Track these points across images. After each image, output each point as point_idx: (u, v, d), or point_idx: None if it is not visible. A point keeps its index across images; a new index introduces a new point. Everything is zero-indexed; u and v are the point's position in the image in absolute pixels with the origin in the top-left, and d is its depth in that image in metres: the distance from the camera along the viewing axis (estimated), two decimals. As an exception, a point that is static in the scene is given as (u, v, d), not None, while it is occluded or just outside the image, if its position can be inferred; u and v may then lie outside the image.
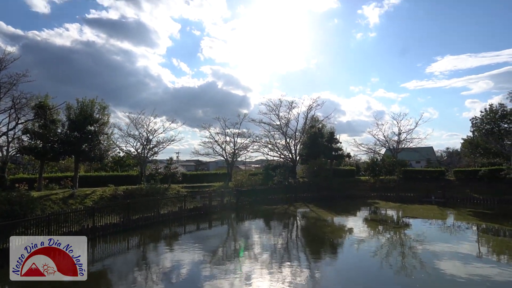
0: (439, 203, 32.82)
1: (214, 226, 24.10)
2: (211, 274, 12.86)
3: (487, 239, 19.38)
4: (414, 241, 18.09)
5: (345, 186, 39.84)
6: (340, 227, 23.43)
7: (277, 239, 19.41)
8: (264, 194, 34.79)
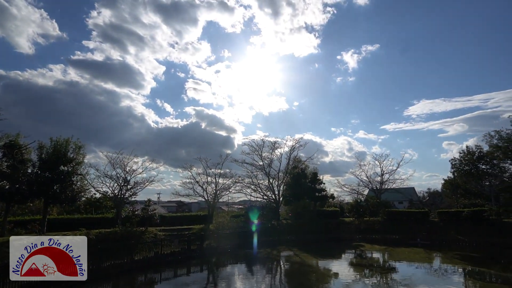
0: (425, 246, 32.22)
1: (193, 272, 22.64)
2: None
3: (475, 284, 18.72)
4: (401, 286, 17.27)
5: (329, 228, 38.96)
6: (325, 271, 22.40)
7: (260, 286, 18.23)
8: (246, 237, 33.45)
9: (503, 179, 41.70)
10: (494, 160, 44.70)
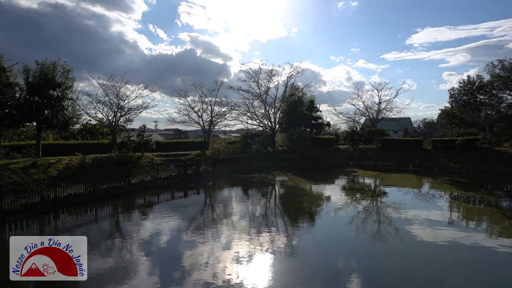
0: (417, 172, 33.10)
1: (190, 195, 23.27)
2: (189, 242, 12.28)
3: (460, 207, 19.48)
4: (390, 209, 17.91)
5: (324, 155, 39.59)
6: (318, 195, 23.11)
7: (255, 207, 18.90)
8: (242, 162, 34.04)
9: (500, 109, 41.52)
10: (493, 90, 44.13)
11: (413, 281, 9.16)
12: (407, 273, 9.70)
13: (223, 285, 8.53)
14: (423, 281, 9.08)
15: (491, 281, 9.21)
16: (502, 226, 14.89)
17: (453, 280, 9.12)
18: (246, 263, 10.24)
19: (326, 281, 9.08)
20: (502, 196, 22.87)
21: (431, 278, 9.21)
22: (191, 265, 9.93)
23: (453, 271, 9.74)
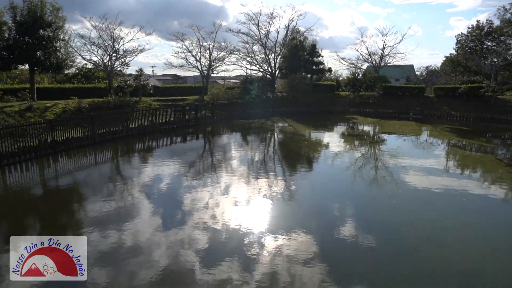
0: (417, 120, 32.95)
1: (189, 140, 23.27)
2: (189, 186, 12.37)
3: (458, 154, 19.52)
4: (388, 156, 17.95)
5: (324, 101, 39.13)
6: (317, 141, 23.13)
7: (254, 153, 18.95)
8: (241, 108, 33.68)
9: (506, 57, 40.29)
10: (502, 36, 42.54)
11: (408, 221, 9.36)
12: (405, 213, 9.89)
13: (222, 228, 8.69)
14: (419, 222, 9.28)
15: (482, 222, 9.41)
16: (497, 173, 15.02)
17: (447, 220, 9.31)
18: (245, 207, 10.40)
19: (324, 223, 9.25)
20: (501, 144, 22.90)
21: (426, 219, 9.41)
22: (191, 208, 10.08)
23: (448, 214, 9.91)
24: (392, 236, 8.51)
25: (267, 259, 7.14)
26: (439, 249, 7.78)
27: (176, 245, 7.71)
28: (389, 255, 7.56)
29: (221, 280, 6.38)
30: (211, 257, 7.20)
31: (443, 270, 6.93)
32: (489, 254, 7.70)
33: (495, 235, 8.75)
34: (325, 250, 7.66)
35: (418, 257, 7.48)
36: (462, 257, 7.51)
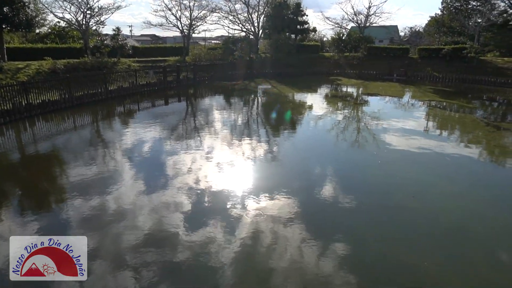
0: (401, 81, 33.07)
1: (171, 102, 22.79)
2: (172, 150, 12.23)
3: (435, 114, 19.82)
4: (371, 117, 18.11)
5: (308, 63, 38.61)
6: (301, 103, 23.05)
7: (238, 115, 18.80)
8: (224, 69, 32.92)
9: (490, 17, 40.10)
10: (489, -5, 42.11)
11: (394, 181, 9.61)
12: (390, 173, 10.13)
13: (206, 190, 8.71)
14: (404, 181, 9.55)
15: (465, 180, 9.73)
16: (478, 133, 15.41)
17: (431, 179, 9.59)
18: (228, 169, 10.39)
19: (307, 184, 9.37)
20: (481, 105, 23.36)
21: (411, 178, 9.68)
22: (175, 172, 10.01)
23: (432, 172, 10.20)
24: (377, 195, 8.75)
25: (250, 220, 7.25)
26: (424, 206, 8.08)
27: (160, 208, 7.71)
28: (375, 213, 7.80)
29: (205, 240, 6.47)
30: (196, 219, 7.26)
31: (429, 226, 7.22)
32: (472, 210, 8.03)
33: (476, 191, 9.11)
34: (309, 209, 7.83)
35: (403, 215, 7.75)
36: (446, 213, 7.81)
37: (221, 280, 5.46)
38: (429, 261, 5.98)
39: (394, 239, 6.77)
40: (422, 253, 6.23)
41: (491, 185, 9.65)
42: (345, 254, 6.15)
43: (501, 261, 6.16)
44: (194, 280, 5.51)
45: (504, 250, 6.45)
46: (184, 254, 6.09)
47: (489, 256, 6.21)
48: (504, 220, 7.53)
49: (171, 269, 5.71)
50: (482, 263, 5.98)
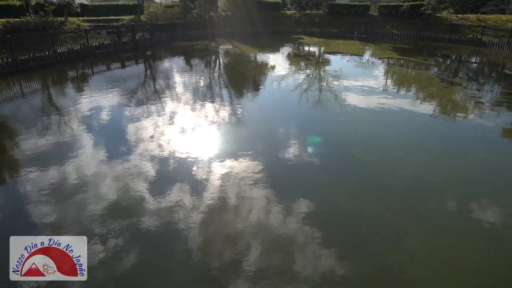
0: (361, 39, 33.28)
1: (128, 65, 21.64)
2: (132, 116, 11.71)
3: (399, 72, 20.38)
4: (333, 76, 18.25)
5: (270, 21, 37.72)
6: (263, 64, 22.71)
7: (200, 77, 18.22)
8: (183, 29, 31.44)
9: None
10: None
11: (356, 138, 9.91)
12: (353, 130, 10.43)
13: (169, 156, 8.55)
14: (366, 137, 9.86)
15: (423, 134, 10.19)
16: (433, 89, 16.06)
17: (391, 135, 9.99)
18: (192, 134, 10.22)
19: (272, 145, 9.43)
20: (436, 62, 24.22)
21: (373, 135, 10.02)
22: (136, 139, 9.69)
23: (392, 129, 10.61)
24: (340, 152, 9.03)
25: (216, 183, 7.26)
26: (384, 161, 8.48)
27: (123, 177, 7.50)
28: (338, 170, 8.08)
29: (172, 205, 6.45)
30: (161, 186, 7.15)
31: (389, 179, 7.59)
32: (427, 162, 8.47)
33: (432, 144, 9.58)
34: (275, 170, 7.93)
35: (365, 169, 8.05)
36: (404, 165, 8.22)
37: (190, 242, 5.52)
38: (389, 212, 6.34)
39: (357, 193, 7.06)
40: (383, 205, 6.58)
41: (444, 138, 10.22)
42: (310, 211, 6.37)
43: (455, 208, 6.64)
44: (163, 245, 5.52)
45: (458, 198, 6.94)
46: (151, 220, 6.05)
47: (444, 204, 6.68)
48: (457, 169, 8.08)
49: (140, 236, 5.67)
50: (439, 211, 6.42)
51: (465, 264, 5.18)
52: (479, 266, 5.14)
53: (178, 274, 4.98)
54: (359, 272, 4.96)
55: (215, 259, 5.21)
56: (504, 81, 18.41)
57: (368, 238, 5.72)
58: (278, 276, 4.91)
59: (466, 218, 6.34)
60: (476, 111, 12.95)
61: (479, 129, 11.16)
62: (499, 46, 26.54)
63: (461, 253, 5.41)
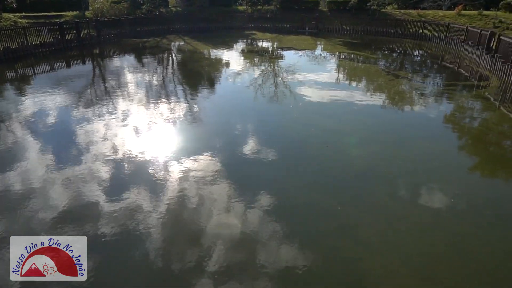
0: (313, 34, 34.07)
1: (74, 65, 20.51)
2: (82, 117, 11.08)
3: (344, 66, 21.17)
4: (287, 71, 18.55)
5: (222, 17, 37.49)
6: (217, 60, 22.57)
7: (152, 75, 17.69)
8: (132, 25, 30.34)
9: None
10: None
11: (309, 132, 10.16)
12: (306, 124, 10.64)
13: (124, 158, 8.25)
14: (319, 131, 10.13)
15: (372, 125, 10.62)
16: (380, 81, 16.86)
17: (343, 127, 10.38)
18: (147, 134, 9.94)
19: (228, 142, 9.43)
20: (382, 55, 25.46)
21: (325, 129, 10.32)
22: (88, 141, 9.22)
23: (343, 121, 11.02)
24: (295, 147, 9.20)
25: (174, 184, 7.14)
26: (337, 153, 8.78)
27: (75, 182, 7.12)
28: (293, 164, 8.22)
29: (129, 209, 6.24)
30: (116, 189, 6.89)
31: (342, 172, 7.86)
32: (377, 153, 8.88)
33: (383, 136, 10.05)
34: (232, 167, 7.94)
35: (319, 163, 8.28)
36: (357, 157, 8.56)
37: (150, 245, 5.37)
38: (343, 204, 6.59)
39: (311, 187, 7.24)
40: (336, 198, 6.83)
41: (392, 128, 10.86)
42: (269, 205, 6.46)
43: (403, 196, 7.05)
44: (122, 250, 5.33)
45: (405, 186, 7.38)
46: (108, 226, 5.81)
47: (393, 193, 7.06)
48: (404, 158, 8.59)
49: (96, 243, 5.41)
50: (388, 200, 6.79)
51: (414, 250, 5.47)
52: (427, 250, 5.46)
53: (138, 279, 4.85)
54: (318, 264, 5.11)
55: (177, 261, 5.13)
56: (444, 72, 19.79)
57: (324, 230, 5.88)
58: (241, 272, 4.94)
59: (413, 205, 6.71)
60: (420, 101, 13.80)
61: (423, 118, 11.94)
62: (437, 40, 28.46)
63: (410, 239, 5.72)
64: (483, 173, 8.30)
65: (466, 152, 9.51)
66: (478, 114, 12.66)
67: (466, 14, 31.42)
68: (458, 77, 18.30)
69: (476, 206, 6.72)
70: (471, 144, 10.12)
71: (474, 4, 37.65)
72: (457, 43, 25.38)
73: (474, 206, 6.72)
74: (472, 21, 28.88)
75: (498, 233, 5.93)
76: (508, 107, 12.83)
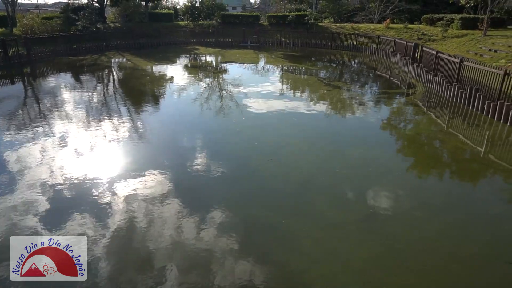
0: (254, 47, 34.97)
1: (2, 85, 19.00)
2: (14, 142, 10.25)
3: (287, 78, 21.98)
4: (231, 85, 18.82)
5: (163, 32, 37.16)
6: (160, 76, 22.27)
7: (92, 94, 16.92)
8: (67, 42, 28.89)
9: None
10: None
11: (253, 146, 10.33)
12: (250, 138, 10.83)
13: (65, 183, 7.77)
14: (262, 145, 10.35)
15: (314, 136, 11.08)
16: (320, 92, 17.72)
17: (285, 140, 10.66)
18: (89, 155, 9.45)
19: (176, 159, 9.29)
20: (321, 66, 26.78)
21: (268, 142, 10.57)
22: (21, 167, 8.54)
23: (285, 134, 11.35)
24: (239, 161, 9.22)
25: (122, 206, 6.87)
26: (280, 166, 8.92)
27: (9, 213, 6.56)
28: (238, 178, 8.30)
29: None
30: (57, 218, 6.46)
31: (284, 185, 8.00)
32: (320, 161, 9.27)
33: (323, 146, 10.47)
34: (180, 185, 7.83)
35: (263, 177, 8.36)
36: (298, 170, 8.77)
37: (98, 274, 5.10)
38: (286, 217, 6.69)
39: (257, 200, 7.34)
40: (279, 211, 6.89)
41: (331, 138, 11.38)
42: (218, 222, 6.45)
43: (340, 204, 7.33)
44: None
45: (341, 194, 7.69)
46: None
47: (331, 202, 7.32)
48: (341, 166, 9.03)
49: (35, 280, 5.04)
50: (327, 210, 7.04)
51: (353, 256, 5.70)
52: (365, 255, 5.71)
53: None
54: (263, 280, 5.10)
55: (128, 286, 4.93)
56: (378, 81, 21.31)
57: (269, 246, 5.93)
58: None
59: (349, 212, 6.99)
60: (358, 109, 14.71)
61: (361, 125, 12.74)
62: (370, 51, 30.64)
63: (349, 246, 5.96)
64: (418, 174, 8.92)
65: (402, 154, 10.25)
66: (410, 118, 13.78)
67: (394, 27, 34.32)
68: (391, 85, 19.79)
69: (411, 207, 7.20)
70: (406, 146, 10.98)
71: (401, 18, 41.23)
72: (388, 54, 27.54)
73: (407, 208, 7.20)
74: (399, 34, 31.59)
75: (430, 232, 6.38)
76: (434, 111, 14.14)
